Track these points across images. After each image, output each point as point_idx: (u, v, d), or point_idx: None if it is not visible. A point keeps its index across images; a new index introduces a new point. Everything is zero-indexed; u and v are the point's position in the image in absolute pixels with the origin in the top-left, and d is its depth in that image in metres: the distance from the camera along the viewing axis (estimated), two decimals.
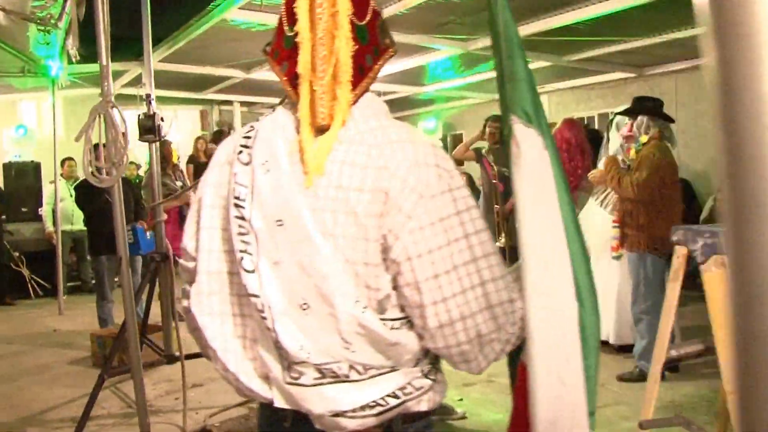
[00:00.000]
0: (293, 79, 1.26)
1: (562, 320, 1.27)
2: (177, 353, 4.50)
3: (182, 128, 11.10)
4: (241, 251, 1.20)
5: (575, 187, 5.52)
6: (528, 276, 1.23)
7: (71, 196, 8.20)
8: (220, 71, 8.25)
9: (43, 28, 5.20)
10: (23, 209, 8.57)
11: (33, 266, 8.37)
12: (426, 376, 1.25)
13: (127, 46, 7.36)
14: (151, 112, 4.26)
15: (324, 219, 1.17)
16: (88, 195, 5.78)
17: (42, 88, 7.44)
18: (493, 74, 1.52)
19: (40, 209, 8.60)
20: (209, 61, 7.91)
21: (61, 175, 8.37)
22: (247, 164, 1.24)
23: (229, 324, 1.28)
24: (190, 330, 1.40)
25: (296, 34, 1.23)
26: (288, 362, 1.20)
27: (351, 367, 1.18)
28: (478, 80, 9.31)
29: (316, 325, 1.17)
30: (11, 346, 6.16)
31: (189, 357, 4.17)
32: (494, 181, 6.58)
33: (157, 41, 7.35)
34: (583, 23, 6.04)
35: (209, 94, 10.32)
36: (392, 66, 8.04)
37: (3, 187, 8.46)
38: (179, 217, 6.81)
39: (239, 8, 5.69)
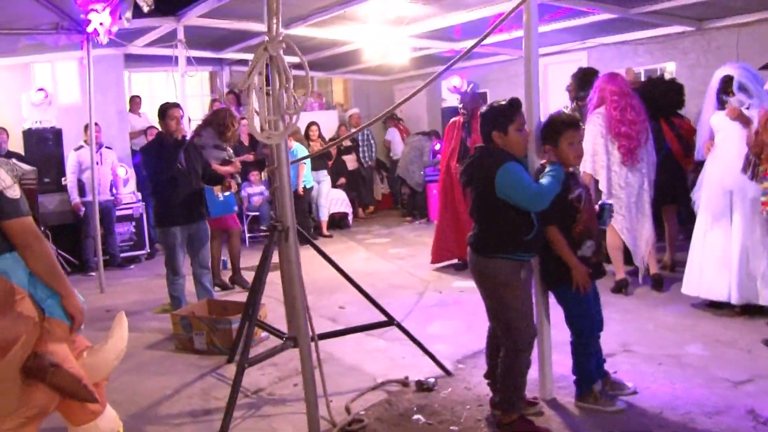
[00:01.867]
0: None
1: None
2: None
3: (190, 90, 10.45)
4: None
5: (638, 144, 5.27)
6: None
7: (97, 163, 7.61)
8: (259, 26, 7.66)
9: None
10: (45, 179, 7.87)
11: (58, 241, 7.74)
12: None
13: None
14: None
15: None
16: (158, 160, 5.24)
17: (71, 47, 6.77)
18: None
19: (63, 179, 7.95)
20: (247, 16, 7.34)
21: (85, 141, 7.79)
22: None
23: None
24: None
25: None
26: None
27: None
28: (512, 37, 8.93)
29: None
30: None
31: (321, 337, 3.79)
32: None
33: None
34: None
35: (228, 53, 9.68)
36: (429, 23, 7.63)
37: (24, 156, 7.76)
38: None
39: None
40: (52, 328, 2.62)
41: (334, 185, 9.97)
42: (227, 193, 5.44)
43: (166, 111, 5.30)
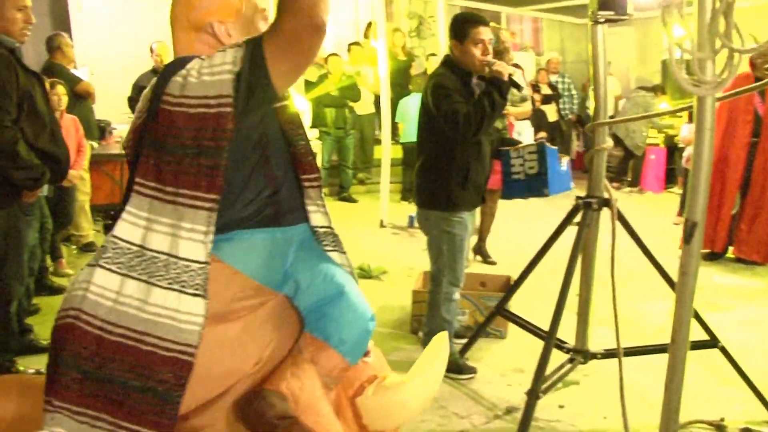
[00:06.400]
0: None
1: None
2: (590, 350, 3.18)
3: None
4: None
5: None
6: None
7: None
8: None
9: None
10: None
11: None
12: None
13: None
14: None
15: None
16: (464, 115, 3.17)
17: None
18: None
19: None
20: None
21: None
22: None
23: None
24: None
25: None
26: None
27: None
28: None
29: None
30: None
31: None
32: None
33: None
34: None
35: None
36: None
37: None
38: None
39: None
40: (308, 354, 1.59)
41: (535, 139, 8.89)
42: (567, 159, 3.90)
43: (468, 25, 3.19)
